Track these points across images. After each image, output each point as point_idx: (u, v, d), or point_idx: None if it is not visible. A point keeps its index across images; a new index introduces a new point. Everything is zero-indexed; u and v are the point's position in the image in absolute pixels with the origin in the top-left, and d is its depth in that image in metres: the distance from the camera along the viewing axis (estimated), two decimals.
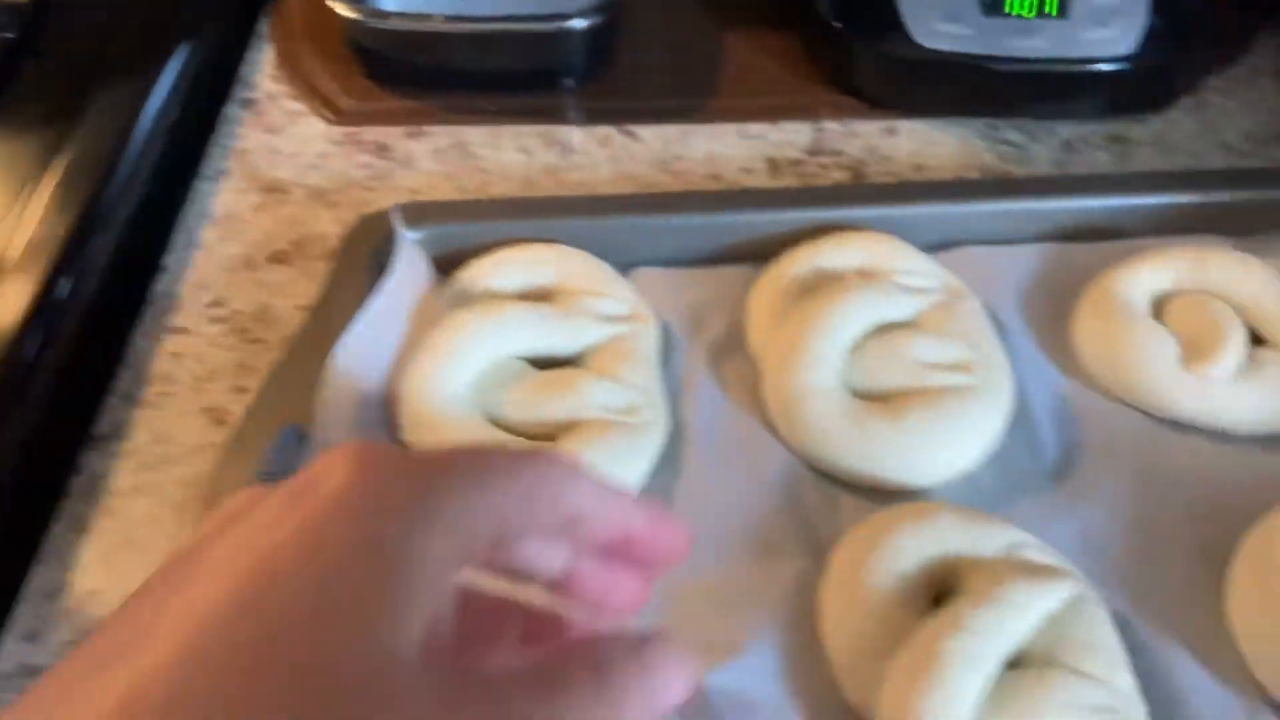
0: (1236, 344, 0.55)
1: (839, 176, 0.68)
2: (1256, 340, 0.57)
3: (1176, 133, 0.71)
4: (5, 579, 0.50)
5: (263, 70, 0.75)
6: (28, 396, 0.55)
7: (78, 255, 0.59)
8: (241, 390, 0.57)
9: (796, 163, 0.69)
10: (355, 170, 0.68)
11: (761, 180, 0.67)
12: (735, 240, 0.60)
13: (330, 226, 0.65)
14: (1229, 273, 0.58)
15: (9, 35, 0.70)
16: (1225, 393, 0.54)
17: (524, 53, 0.71)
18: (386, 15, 0.71)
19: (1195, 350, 0.55)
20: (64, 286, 0.58)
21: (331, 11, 0.74)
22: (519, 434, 0.53)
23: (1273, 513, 0.50)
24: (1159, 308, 0.58)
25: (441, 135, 0.70)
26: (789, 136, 0.70)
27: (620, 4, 0.71)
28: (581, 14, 0.69)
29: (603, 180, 0.67)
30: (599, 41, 0.71)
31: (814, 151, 0.69)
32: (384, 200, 0.66)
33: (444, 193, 0.66)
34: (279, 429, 0.52)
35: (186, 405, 0.57)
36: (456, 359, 0.54)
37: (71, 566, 0.51)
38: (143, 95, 0.68)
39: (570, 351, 0.56)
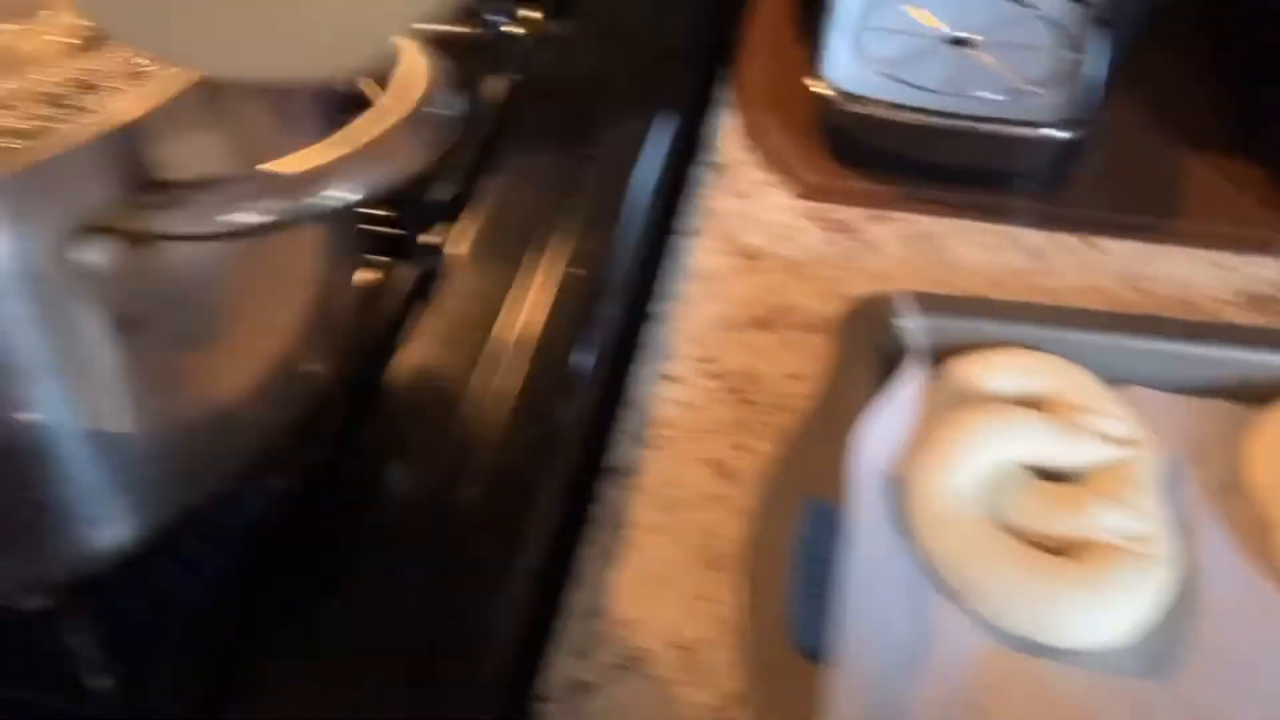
0: None
1: None
2: None
3: None
4: (549, 597, 0.56)
5: (726, 136, 0.80)
6: (560, 424, 0.61)
7: (595, 307, 0.65)
8: (740, 448, 0.62)
9: (1273, 300, 0.70)
10: (824, 246, 0.73)
11: (1240, 314, 0.68)
12: (1221, 374, 0.62)
13: (806, 300, 0.69)
14: None
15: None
16: None
17: (996, 152, 0.74)
18: (861, 100, 0.75)
19: None
20: (587, 334, 0.64)
21: (794, 84, 0.79)
22: (1026, 541, 0.56)
23: None
24: None
25: (905, 222, 0.74)
26: (1261, 270, 0.71)
27: (1095, 119, 0.73)
28: (1064, 125, 0.72)
29: (1069, 289, 0.70)
30: (1070, 151, 0.74)
31: None
32: (854, 280, 0.70)
33: (910, 281, 0.70)
34: (801, 501, 0.56)
35: (690, 453, 0.62)
36: (964, 458, 0.57)
37: (605, 593, 0.56)
38: (631, 160, 0.74)
39: (1069, 466, 0.58)
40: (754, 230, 0.74)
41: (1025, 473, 0.58)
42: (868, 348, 0.63)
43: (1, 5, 0.51)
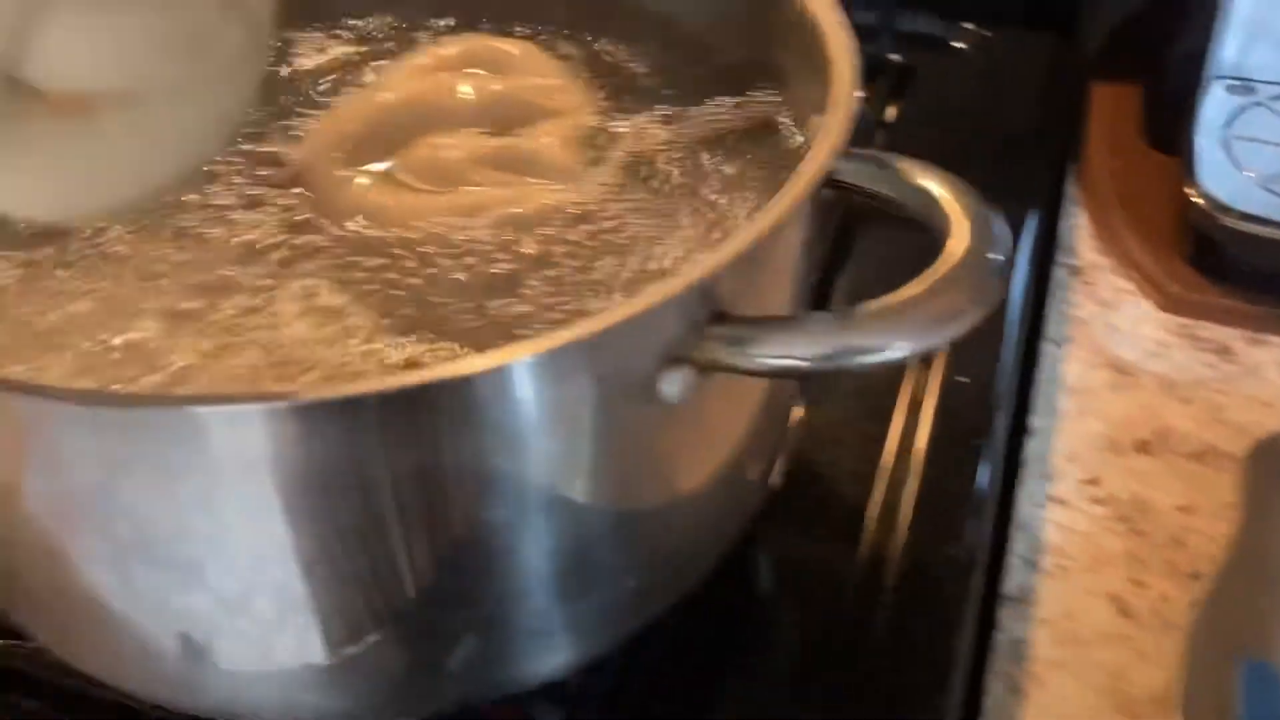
0: None
1: None
2: None
3: None
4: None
5: (1079, 236, 0.78)
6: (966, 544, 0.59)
7: (986, 417, 0.64)
8: (1137, 584, 0.60)
9: None
10: (1200, 368, 0.70)
11: None
12: None
13: (1187, 424, 0.67)
14: None
15: None
16: None
17: None
18: (1240, 214, 0.73)
19: None
20: (981, 446, 0.62)
21: (1145, 184, 0.76)
22: None
23: None
24: None
25: None
26: None
27: None
28: None
29: None
30: None
31: None
32: (1239, 407, 0.67)
33: None
34: (1236, 661, 0.54)
35: (1085, 585, 0.60)
36: None
37: None
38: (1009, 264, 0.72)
39: None
40: (1123, 344, 0.71)
41: None
42: (1270, 488, 0.60)
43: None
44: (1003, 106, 0.84)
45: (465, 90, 0.56)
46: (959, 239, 0.41)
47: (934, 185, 0.43)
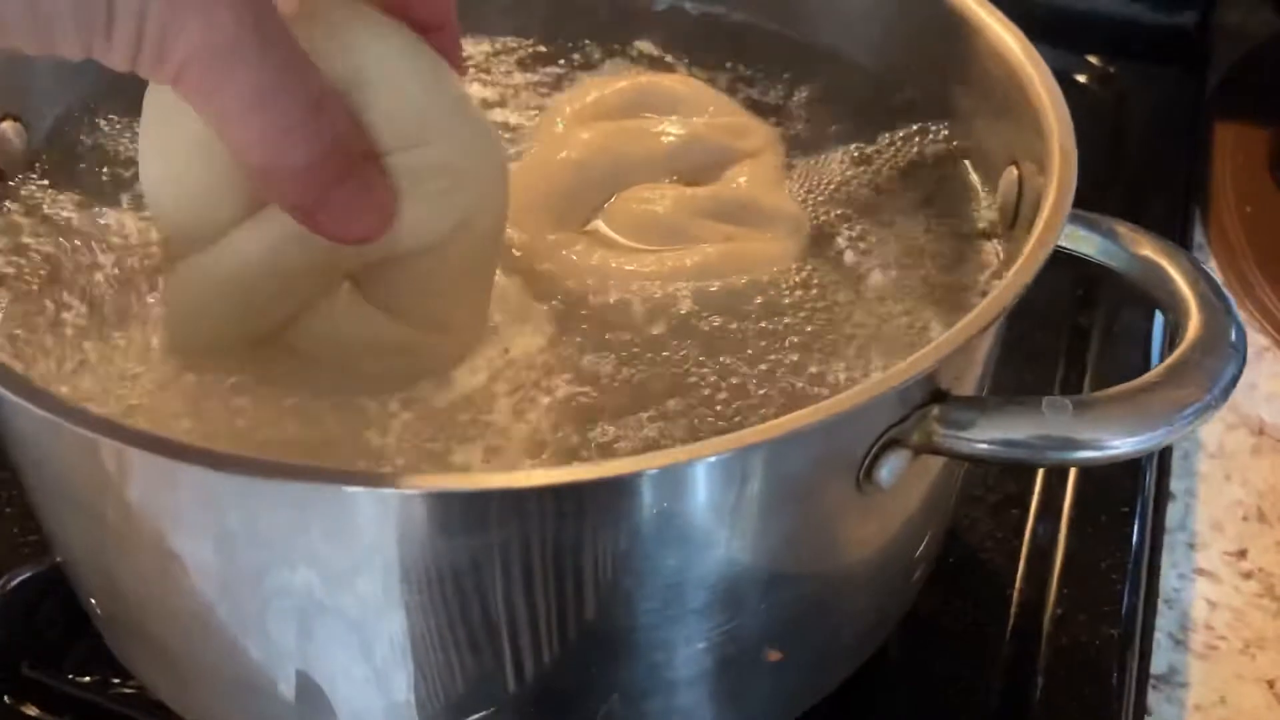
0: None
1: None
2: None
3: None
4: None
5: None
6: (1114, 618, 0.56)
7: (1128, 480, 0.60)
8: None
9: None
10: None
11: None
12: None
13: None
14: None
15: None
16: None
17: None
18: None
19: None
20: (1123, 511, 0.59)
21: (1275, 229, 0.73)
22: None
23: None
24: None
25: None
26: None
27: None
28: None
29: None
30: None
31: None
32: None
33: None
34: None
35: (1238, 668, 0.57)
36: None
37: None
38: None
39: None
40: (1260, 402, 0.68)
41: None
42: None
43: None
44: (1125, 144, 0.80)
45: (658, 136, 0.52)
46: (1193, 326, 0.38)
47: (1163, 260, 0.40)
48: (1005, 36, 0.48)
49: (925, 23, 0.52)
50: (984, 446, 0.36)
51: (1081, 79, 0.84)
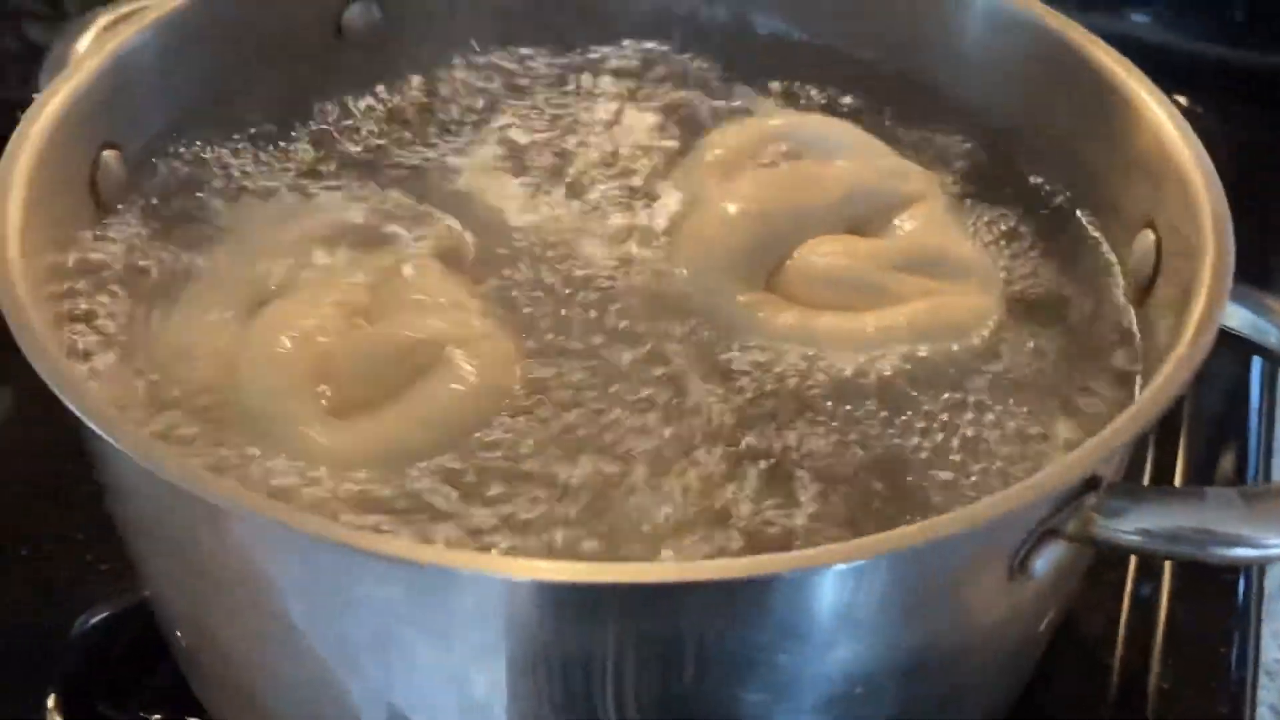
0: None
1: None
2: None
3: None
4: None
5: None
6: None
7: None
8: None
9: None
10: None
11: None
12: None
13: None
14: None
15: None
16: None
17: None
18: None
19: None
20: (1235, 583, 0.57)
21: None
22: None
23: None
24: None
25: None
26: None
27: None
28: None
29: None
30: None
31: None
32: None
33: None
34: None
35: None
36: None
37: None
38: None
39: None
40: None
41: None
42: None
43: None
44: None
45: (827, 183, 0.49)
46: None
47: None
48: (1140, 90, 0.47)
49: (1053, 72, 0.51)
50: (1141, 539, 0.34)
51: None
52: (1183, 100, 0.83)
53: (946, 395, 0.44)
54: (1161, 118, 0.45)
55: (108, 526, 0.46)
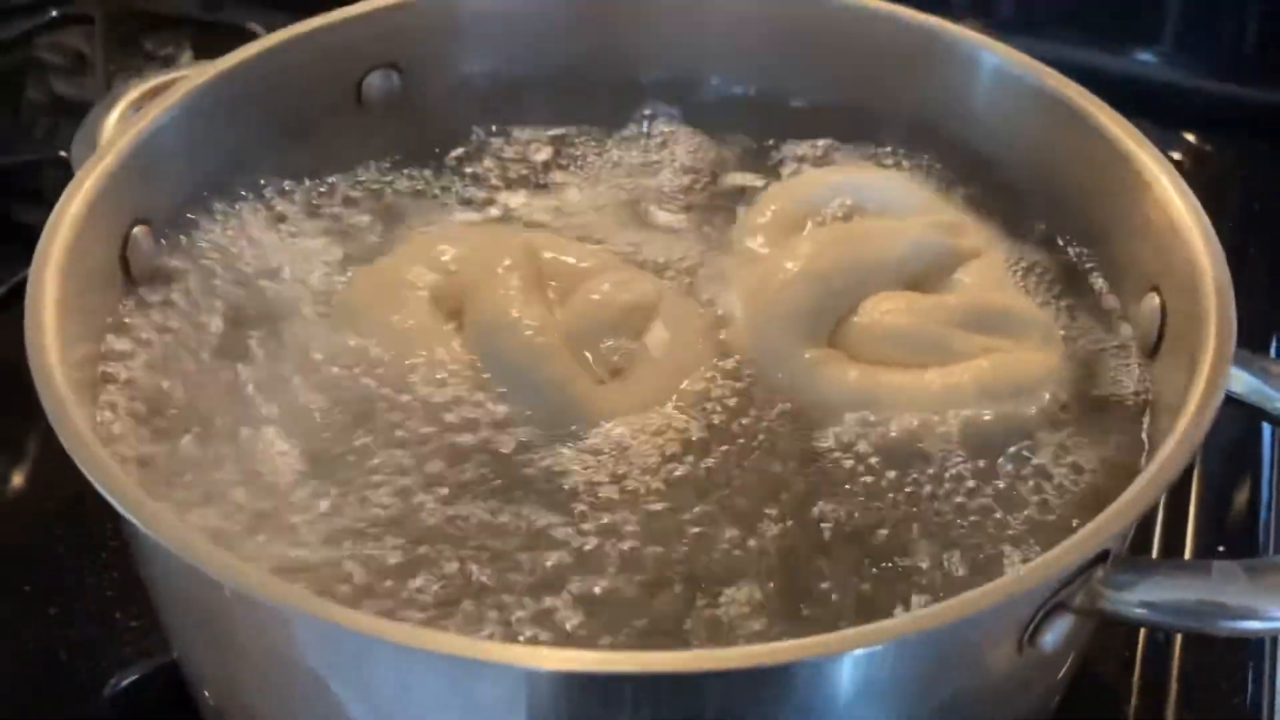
0: None
1: None
2: None
3: None
4: None
5: None
6: None
7: None
8: None
9: None
10: None
11: None
12: None
13: None
14: None
15: None
16: None
17: None
18: None
19: None
20: None
21: None
22: None
23: None
24: None
25: None
26: None
27: None
28: None
29: None
30: None
31: None
32: None
33: None
34: None
35: None
36: None
37: None
38: None
39: None
40: None
41: None
42: None
43: None
44: (1221, 229, 0.79)
45: (886, 240, 0.49)
46: None
47: None
48: (1141, 154, 0.48)
49: (1059, 133, 0.52)
50: (1147, 612, 0.35)
51: (1177, 157, 0.83)
52: (1191, 138, 0.85)
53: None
54: (1164, 184, 0.46)
55: (136, 582, 0.47)
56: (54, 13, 0.82)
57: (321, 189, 0.56)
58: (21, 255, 0.45)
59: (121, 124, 0.52)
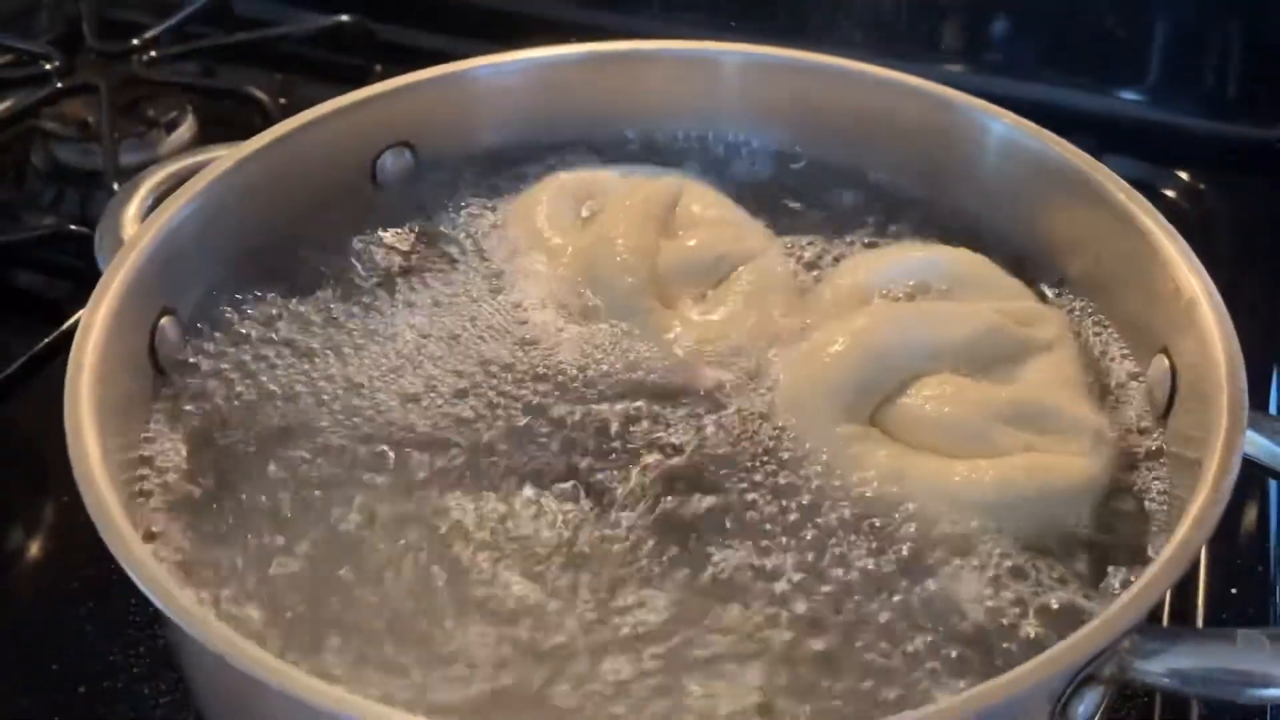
0: None
1: None
2: None
3: None
4: None
5: None
6: None
7: None
8: None
9: None
10: None
11: None
12: None
13: None
14: None
15: None
16: None
17: None
18: None
19: None
20: None
21: None
22: None
23: None
24: None
25: None
26: None
27: None
28: None
29: None
30: None
31: None
32: None
33: None
34: None
35: None
36: None
37: None
38: None
39: None
40: None
41: None
42: None
43: None
44: (1215, 266, 0.80)
45: (951, 324, 0.48)
46: None
47: None
48: (1150, 224, 0.49)
49: (1067, 200, 0.53)
50: (1174, 680, 0.35)
51: (1170, 194, 0.84)
52: (1184, 176, 0.86)
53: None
54: (1173, 253, 0.47)
55: (162, 657, 0.47)
56: (58, 84, 0.82)
57: (337, 259, 0.57)
58: (29, 327, 0.45)
59: (140, 211, 0.53)
